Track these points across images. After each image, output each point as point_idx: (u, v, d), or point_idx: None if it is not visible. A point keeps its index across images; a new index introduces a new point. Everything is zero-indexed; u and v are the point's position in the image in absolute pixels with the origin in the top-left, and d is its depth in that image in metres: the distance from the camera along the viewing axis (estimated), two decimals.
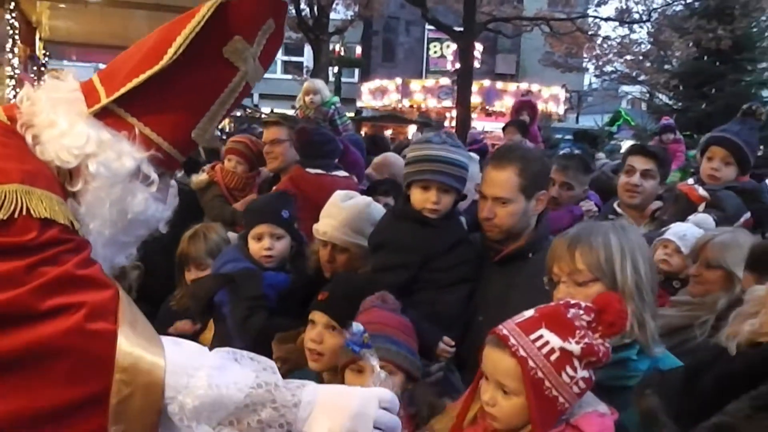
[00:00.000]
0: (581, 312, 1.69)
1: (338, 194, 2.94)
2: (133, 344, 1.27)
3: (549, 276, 2.05)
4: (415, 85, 20.79)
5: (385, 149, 6.13)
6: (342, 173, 3.71)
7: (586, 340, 1.64)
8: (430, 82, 21.56)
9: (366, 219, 2.81)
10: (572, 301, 1.74)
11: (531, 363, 1.62)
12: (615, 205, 3.65)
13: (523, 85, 20.79)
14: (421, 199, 2.60)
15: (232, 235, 3.40)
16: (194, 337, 3.05)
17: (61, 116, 1.48)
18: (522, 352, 1.63)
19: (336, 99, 6.61)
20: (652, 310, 2.01)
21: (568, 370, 1.62)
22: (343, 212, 2.79)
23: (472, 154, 3.66)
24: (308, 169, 3.52)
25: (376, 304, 2.17)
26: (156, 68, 1.46)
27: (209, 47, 1.51)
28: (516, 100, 11.75)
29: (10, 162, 1.38)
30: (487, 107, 20.48)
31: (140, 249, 3.47)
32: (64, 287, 1.28)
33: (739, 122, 4.03)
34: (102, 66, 1.85)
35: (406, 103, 20.62)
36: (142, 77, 1.46)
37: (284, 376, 2.48)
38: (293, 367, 2.52)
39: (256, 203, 3.13)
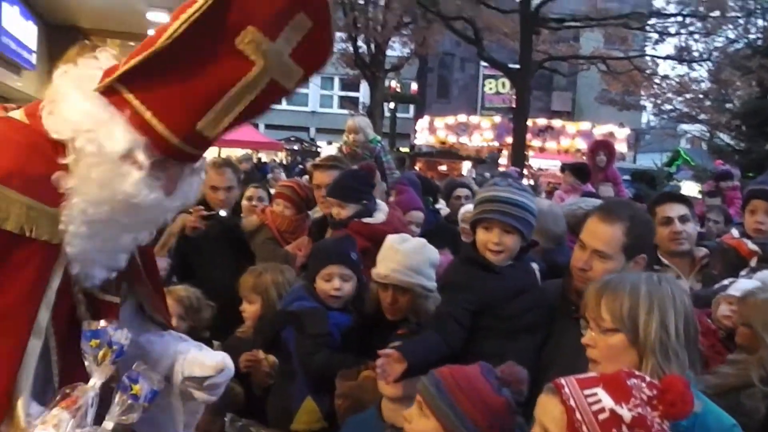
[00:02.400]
0: (643, 385, 1.65)
1: (392, 238, 2.95)
2: None
3: (602, 326, 2.03)
4: (469, 121, 20.85)
5: (431, 191, 6.11)
6: (385, 209, 3.68)
7: (639, 410, 1.60)
8: (485, 119, 21.58)
9: (424, 259, 2.85)
10: (637, 372, 1.71)
11: (578, 415, 1.60)
12: (659, 256, 3.55)
13: (585, 125, 20.56)
14: (484, 239, 2.58)
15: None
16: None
17: (74, 91, 1.49)
18: (572, 402, 1.62)
19: (379, 137, 6.68)
20: (682, 368, 1.88)
21: None
22: (401, 254, 2.83)
23: None
24: (363, 219, 3.52)
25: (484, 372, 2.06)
26: (155, 47, 1.41)
27: (219, 35, 1.42)
28: (592, 141, 11.55)
29: None
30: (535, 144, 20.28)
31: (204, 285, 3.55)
32: None
33: None
34: None
35: (461, 139, 20.67)
36: (143, 55, 1.42)
37: (345, 412, 2.57)
38: (354, 403, 2.57)
39: (325, 244, 3.19)
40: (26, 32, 9.21)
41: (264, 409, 3.03)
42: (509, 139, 19.23)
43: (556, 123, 19.83)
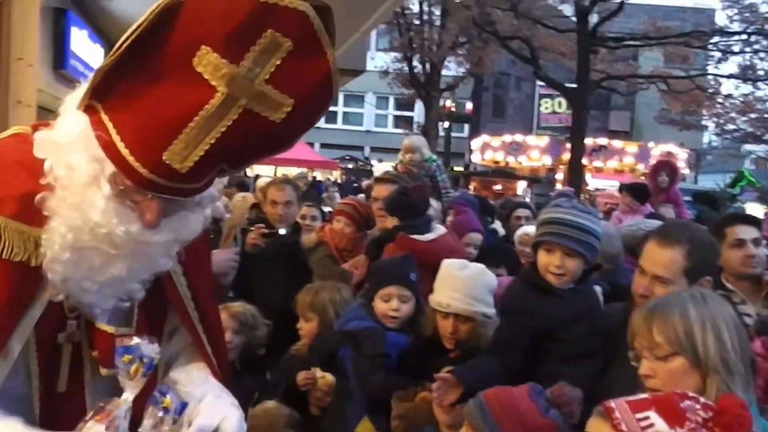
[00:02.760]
0: (697, 406, 1.59)
1: (451, 264, 2.90)
2: None
3: (633, 351, 1.97)
4: (524, 141, 20.72)
5: (488, 211, 6.06)
6: (438, 232, 3.66)
7: None
8: (536, 139, 21.40)
9: (484, 286, 2.81)
10: (691, 394, 1.66)
11: None
12: (723, 279, 3.43)
13: (641, 145, 20.19)
14: (545, 262, 2.54)
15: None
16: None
17: (70, 108, 1.42)
18: (624, 427, 1.56)
19: (435, 156, 6.68)
20: (745, 383, 1.84)
21: None
22: (461, 281, 2.79)
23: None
24: (411, 236, 3.50)
25: (537, 402, 2.01)
26: (111, 57, 1.29)
27: (173, 55, 1.29)
28: (656, 161, 11.32)
29: None
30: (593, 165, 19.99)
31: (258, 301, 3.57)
32: None
33: None
34: None
35: (516, 159, 20.56)
36: (102, 65, 1.31)
37: None
38: (410, 425, 2.55)
39: (384, 264, 3.18)
40: (93, 55, 9.54)
41: (320, 428, 3.02)
42: (562, 159, 19.05)
43: (615, 143, 19.50)
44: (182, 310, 1.67)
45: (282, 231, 4.20)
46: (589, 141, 19.60)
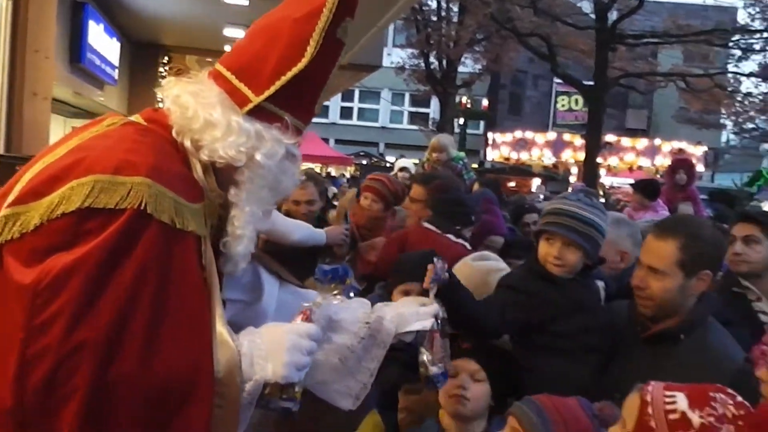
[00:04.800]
0: (730, 402, 1.61)
1: (472, 255, 2.94)
2: None
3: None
4: (540, 138, 20.56)
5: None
6: (461, 241, 3.62)
7: (712, 420, 1.57)
8: (542, 135, 21.16)
9: (491, 282, 2.78)
10: (730, 391, 1.66)
11: (650, 409, 1.63)
12: (740, 277, 3.40)
13: (651, 142, 19.94)
14: (545, 252, 2.53)
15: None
16: None
17: (219, 118, 1.59)
18: (649, 398, 1.65)
19: (463, 155, 6.63)
20: None
21: None
22: (474, 274, 2.78)
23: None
24: (428, 226, 3.49)
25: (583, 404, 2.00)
26: (300, 66, 1.59)
27: (332, 33, 1.62)
28: (673, 159, 11.22)
29: (137, 155, 1.48)
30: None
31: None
32: None
33: None
34: None
35: (531, 155, 20.42)
36: (289, 75, 1.59)
37: (408, 425, 2.53)
38: (417, 418, 2.53)
39: (408, 258, 3.13)
40: (110, 49, 9.58)
41: (325, 421, 3.00)
42: (564, 155, 18.90)
43: (624, 140, 19.21)
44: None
45: None
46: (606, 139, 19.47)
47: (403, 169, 7.35)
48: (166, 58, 12.28)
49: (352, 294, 1.82)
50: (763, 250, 3.31)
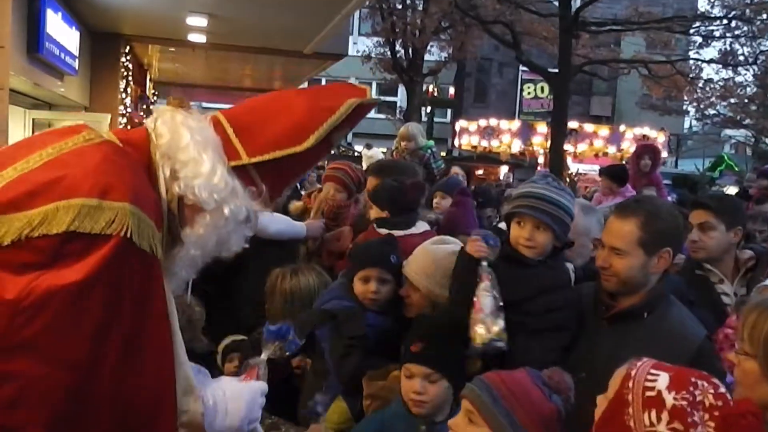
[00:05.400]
0: (711, 391, 1.61)
1: (431, 239, 2.99)
2: None
3: (741, 347, 1.87)
4: (506, 125, 20.65)
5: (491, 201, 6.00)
6: (420, 228, 3.54)
7: (684, 404, 1.58)
8: (509, 123, 21.22)
9: (443, 267, 2.73)
10: (715, 380, 1.66)
11: (631, 383, 1.65)
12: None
13: (615, 129, 20.16)
14: (516, 234, 2.56)
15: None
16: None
17: (207, 159, 1.64)
18: (634, 372, 1.67)
19: (431, 143, 6.60)
20: None
21: (652, 414, 1.59)
22: (426, 255, 2.81)
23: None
24: (380, 230, 3.41)
25: (532, 374, 2.01)
26: (296, 149, 1.69)
27: (331, 135, 1.72)
28: (638, 144, 11.29)
29: (118, 179, 1.50)
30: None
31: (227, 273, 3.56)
32: None
33: None
34: (207, 106, 2.02)
35: (496, 143, 20.51)
36: (284, 153, 1.69)
37: (374, 411, 2.54)
38: (382, 405, 2.53)
39: (366, 246, 3.12)
40: (69, 38, 9.37)
41: (295, 409, 2.99)
42: (532, 142, 19.02)
43: (587, 127, 19.37)
44: None
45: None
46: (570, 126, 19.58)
47: (371, 158, 7.31)
48: (128, 47, 12.07)
49: (293, 347, 2.02)
50: (717, 236, 3.34)
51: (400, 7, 21.79)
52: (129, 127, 11.15)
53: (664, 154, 18.73)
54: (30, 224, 1.39)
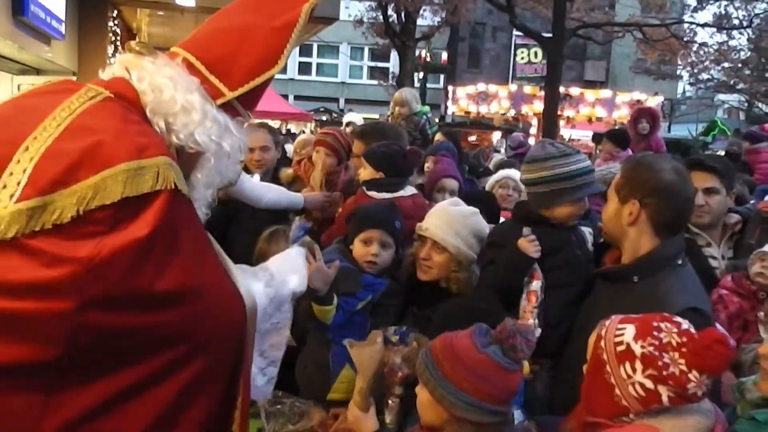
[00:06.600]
0: (675, 330, 1.68)
1: (447, 201, 3.06)
2: None
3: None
4: (500, 91, 20.49)
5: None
6: (409, 191, 3.51)
7: (651, 349, 1.66)
8: (514, 87, 21.08)
9: (468, 226, 2.77)
10: (677, 319, 1.71)
11: (602, 342, 1.75)
12: (689, 224, 3.33)
13: (606, 93, 20.04)
14: (568, 212, 2.72)
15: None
16: None
17: (196, 106, 1.70)
18: (603, 331, 1.77)
19: (427, 109, 6.54)
20: None
21: (627, 366, 1.68)
22: (449, 215, 2.78)
23: None
24: (370, 193, 3.37)
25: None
26: (271, 72, 1.79)
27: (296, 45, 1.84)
28: (635, 108, 11.05)
29: (145, 137, 1.60)
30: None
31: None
32: None
33: None
34: None
35: (492, 108, 20.36)
36: (262, 79, 1.78)
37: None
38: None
39: (370, 208, 3.06)
40: (55, 1, 9.21)
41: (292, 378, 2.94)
42: (525, 108, 18.90)
43: (575, 91, 19.23)
44: None
45: (257, 176, 4.06)
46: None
47: (349, 123, 7.26)
48: (116, 11, 11.88)
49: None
50: (720, 199, 3.26)
51: None
52: None
53: None
54: (84, 199, 1.46)
